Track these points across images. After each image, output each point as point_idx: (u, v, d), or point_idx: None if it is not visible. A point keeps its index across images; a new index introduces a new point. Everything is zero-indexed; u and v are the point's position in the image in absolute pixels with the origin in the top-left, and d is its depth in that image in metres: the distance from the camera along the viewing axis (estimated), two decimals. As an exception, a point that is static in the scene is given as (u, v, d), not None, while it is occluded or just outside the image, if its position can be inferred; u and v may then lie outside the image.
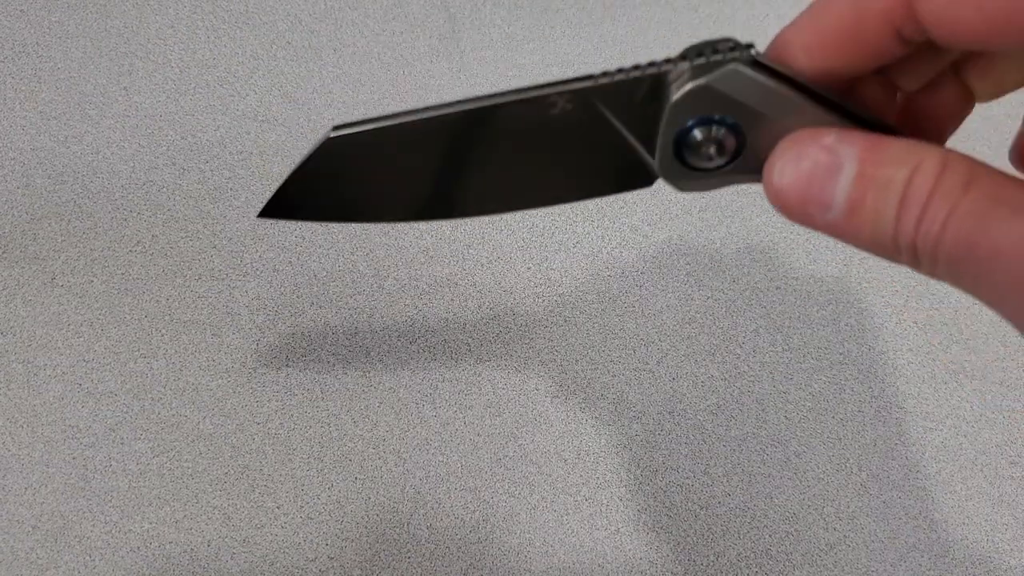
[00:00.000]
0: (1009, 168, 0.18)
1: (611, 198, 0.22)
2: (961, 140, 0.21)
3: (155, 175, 0.43)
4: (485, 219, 0.43)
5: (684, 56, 0.19)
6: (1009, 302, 0.16)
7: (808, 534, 0.38)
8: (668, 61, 0.19)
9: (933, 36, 0.16)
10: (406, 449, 0.38)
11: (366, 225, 0.42)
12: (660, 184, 0.22)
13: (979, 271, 0.16)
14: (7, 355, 0.39)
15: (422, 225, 0.42)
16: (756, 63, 0.18)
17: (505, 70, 0.46)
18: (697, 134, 0.19)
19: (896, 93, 0.21)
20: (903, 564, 0.37)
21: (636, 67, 0.20)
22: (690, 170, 0.20)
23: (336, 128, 0.20)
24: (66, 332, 0.39)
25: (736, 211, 0.43)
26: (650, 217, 0.43)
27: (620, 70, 0.20)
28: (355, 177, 0.21)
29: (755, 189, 0.21)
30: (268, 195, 0.22)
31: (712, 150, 0.19)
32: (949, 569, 0.37)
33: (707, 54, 0.19)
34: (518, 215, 0.43)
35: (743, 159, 0.19)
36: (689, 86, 0.19)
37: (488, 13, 0.48)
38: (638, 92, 0.20)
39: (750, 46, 0.19)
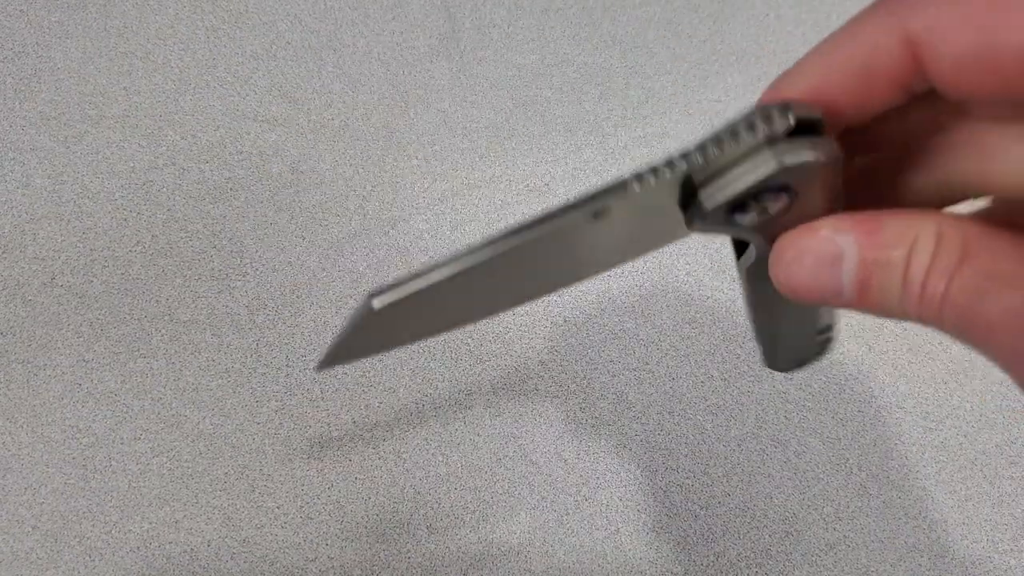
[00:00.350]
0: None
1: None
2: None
3: (155, 175, 0.43)
4: (484, 220, 0.43)
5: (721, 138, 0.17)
6: (1012, 370, 0.16)
7: (808, 534, 0.38)
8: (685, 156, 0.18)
9: (943, 94, 0.16)
10: (406, 449, 0.38)
11: (366, 224, 0.42)
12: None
13: (979, 342, 0.17)
14: (7, 355, 0.39)
15: (421, 225, 0.42)
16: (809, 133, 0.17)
17: (505, 70, 0.46)
18: (754, 198, 0.18)
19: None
20: (903, 564, 0.37)
21: (668, 163, 0.18)
22: (726, 223, 0.19)
23: (372, 296, 0.19)
24: (66, 332, 0.39)
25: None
26: (650, 217, 0.43)
27: (652, 170, 0.18)
28: (399, 327, 0.21)
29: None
30: (268, 195, 0.22)
31: (761, 209, 0.18)
32: (949, 569, 0.37)
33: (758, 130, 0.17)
34: (518, 215, 0.43)
35: (797, 209, 0.18)
36: (768, 169, 0.17)
37: (488, 13, 0.48)
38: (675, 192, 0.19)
39: (787, 111, 0.17)
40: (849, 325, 0.42)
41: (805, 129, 0.17)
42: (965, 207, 0.19)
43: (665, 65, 0.47)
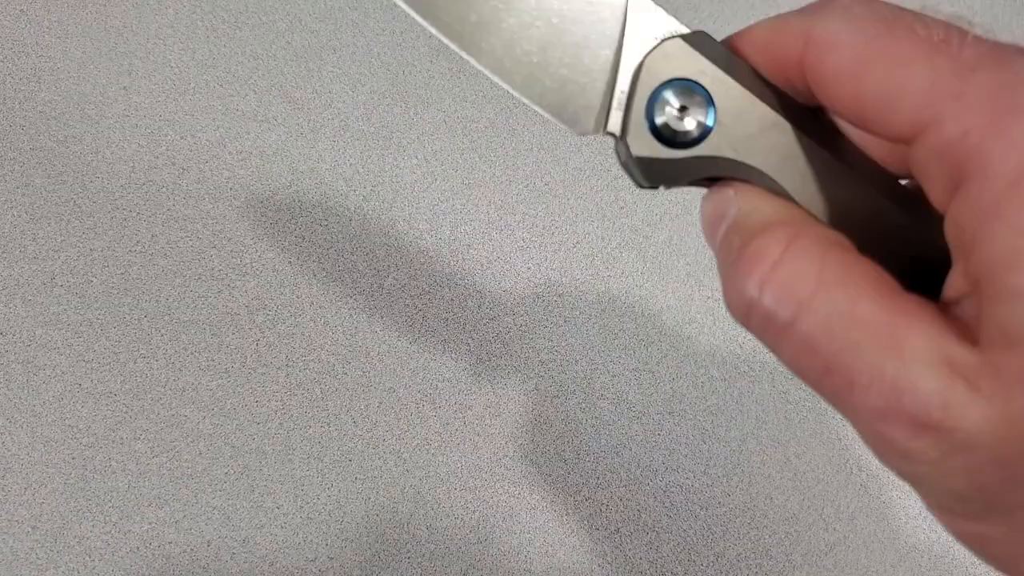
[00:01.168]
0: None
1: (611, 196, 0.22)
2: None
3: (154, 175, 0.43)
4: (484, 219, 0.43)
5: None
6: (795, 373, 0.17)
7: (808, 534, 0.38)
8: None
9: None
10: (406, 449, 0.38)
11: (365, 224, 0.42)
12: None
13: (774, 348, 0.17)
14: (7, 355, 0.39)
15: (422, 225, 0.42)
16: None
17: (505, 70, 0.46)
18: (669, 96, 0.19)
19: None
20: (903, 564, 0.37)
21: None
22: (662, 144, 0.20)
23: None
24: (66, 332, 0.39)
25: (736, 211, 0.43)
26: (650, 217, 0.43)
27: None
28: None
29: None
30: (268, 195, 0.21)
31: (685, 119, 0.19)
32: (948, 569, 0.37)
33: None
34: (518, 215, 0.43)
35: (715, 136, 0.19)
36: (664, 44, 0.20)
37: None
38: (658, 31, 0.20)
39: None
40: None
41: None
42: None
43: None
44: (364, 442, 0.38)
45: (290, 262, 0.41)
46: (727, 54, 0.19)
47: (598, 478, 0.38)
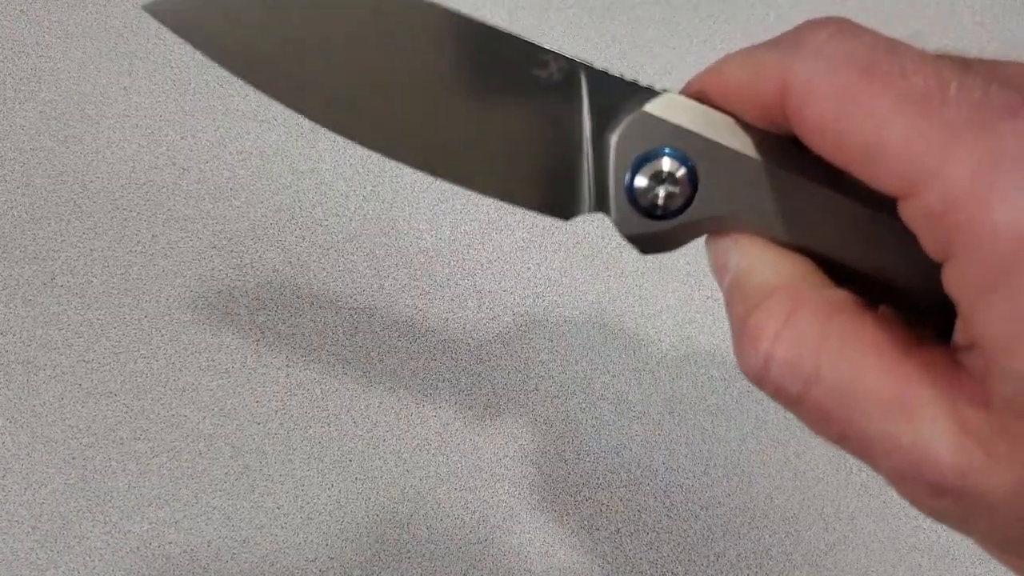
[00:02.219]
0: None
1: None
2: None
3: (155, 175, 0.43)
4: (484, 219, 0.43)
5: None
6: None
7: (808, 535, 0.38)
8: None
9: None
10: (406, 449, 0.38)
11: (365, 224, 0.42)
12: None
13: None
14: (7, 355, 0.39)
15: (422, 225, 0.42)
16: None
17: (505, 70, 0.46)
18: (647, 170, 0.18)
19: None
20: (903, 564, 0.37)
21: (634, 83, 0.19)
22: (649, 219, 0.19)
23: None
24: (66, 332, 0.39)
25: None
26: (650, 217, 0.43)
27: (622, 78, 0.19)
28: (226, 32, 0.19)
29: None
30: (268, 195, 0.21)
31: (668, 190, 0.18)
32: (949, 569, 0.37)
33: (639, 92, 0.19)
34: (519, 214, 0.43)
35: (701, 200, 0.19)
36: (630, 120, 0.18)
37: (487, 11, 0.48)
38: (623, 104, 0.19)
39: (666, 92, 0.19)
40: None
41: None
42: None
43: (665, 65, 0.47)
44: (364, 442, 0.38)
45: (290, 262, 0.41)
46: (701, 110, 0.18)
47: (598, 478, 0.38)
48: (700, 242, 0.21)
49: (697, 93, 0.19)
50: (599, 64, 0.20)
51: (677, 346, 0.41)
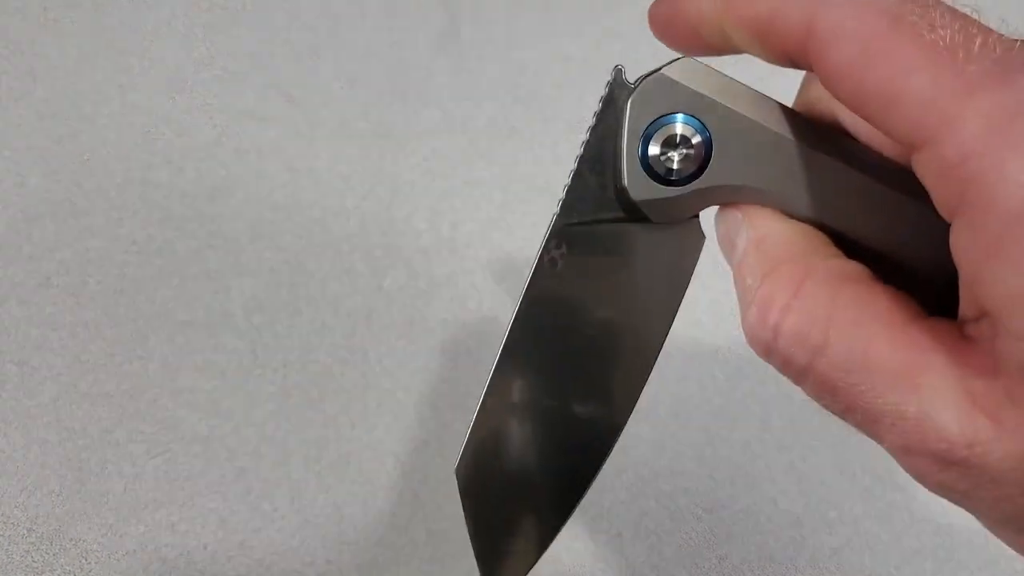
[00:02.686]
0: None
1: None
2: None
3: (151, 174, 0.42)
4: (484, 219, 0.42)
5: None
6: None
7: (812, 538, 0.37)
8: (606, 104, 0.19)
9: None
10: (404, 452, 0.38)
11: (364, 224, 0.42)
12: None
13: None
14: (2, 356, 0.38)
15: (421, 224, 0.42)
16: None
17: (505, 67, 0.46)
18: (660, 134, 0.18)
19: None
20: (907, 568, 0.37)
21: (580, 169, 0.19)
22: (661, 184, 0.19)
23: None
24: (61, 333, 0.39)
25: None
26: (652, 216, 0.42)
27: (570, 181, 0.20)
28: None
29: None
30: (265, 194, 0.21)
31: (680, 155, 0.18)
32: (953, 572, 0.37)
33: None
34: (518, 215, 0.43)
35: (714, 168, 0.18)
36: (647, 81, 0.19)
37: (488, 9, 0.47)
38: (601, 156, 0.19)
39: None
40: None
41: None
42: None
43: (667, 61, 0.46)
44: (362, 444, 0.38)
45: (287, 262, 0.41)
46: (717, 76, 0.18)
47: (601, 480, 0.38)
48: (705, 243, 0.21)
49: (720, 12, 0.18)
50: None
51: (682, 348, 0.40)
